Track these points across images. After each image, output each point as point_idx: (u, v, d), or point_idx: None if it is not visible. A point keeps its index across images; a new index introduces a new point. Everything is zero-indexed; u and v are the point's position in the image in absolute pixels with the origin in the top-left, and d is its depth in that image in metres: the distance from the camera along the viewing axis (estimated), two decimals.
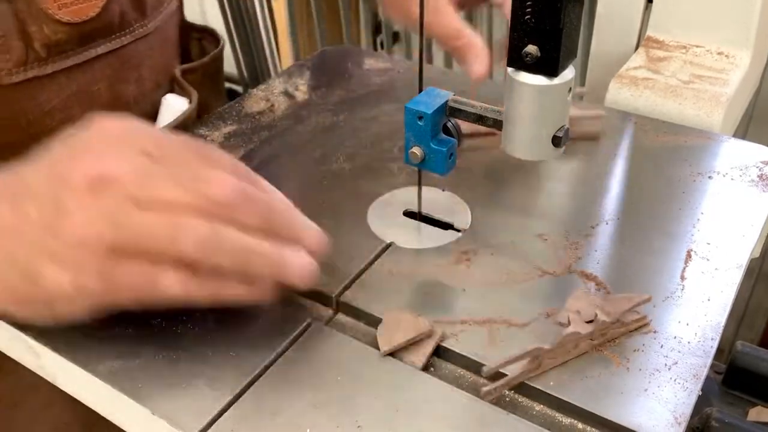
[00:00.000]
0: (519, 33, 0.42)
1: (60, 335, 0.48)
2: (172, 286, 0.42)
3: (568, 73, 0.44)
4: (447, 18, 0.65)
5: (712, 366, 0.92)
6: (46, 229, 0.42)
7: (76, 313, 0.44)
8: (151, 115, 0.71)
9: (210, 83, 0.78)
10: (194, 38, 0.83)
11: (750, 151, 0.64)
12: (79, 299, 0.43)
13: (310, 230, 0.46)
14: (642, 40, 0.83)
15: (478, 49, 0.64)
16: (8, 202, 0.43)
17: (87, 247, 0.41)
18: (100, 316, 0.44)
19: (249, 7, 1.84)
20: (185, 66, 0.76)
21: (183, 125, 0.68)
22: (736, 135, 0.76)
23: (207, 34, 0.83)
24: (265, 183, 0.46)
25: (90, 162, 0.42)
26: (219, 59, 0.83)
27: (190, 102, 0.70)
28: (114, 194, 0.41)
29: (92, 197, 0.41)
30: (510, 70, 0.44)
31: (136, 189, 0.41)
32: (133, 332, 0.48)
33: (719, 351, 0.50)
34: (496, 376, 0.44)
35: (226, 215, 0.42)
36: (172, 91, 0.73)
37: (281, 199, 0.46)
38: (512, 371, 0.44)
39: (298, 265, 0.44)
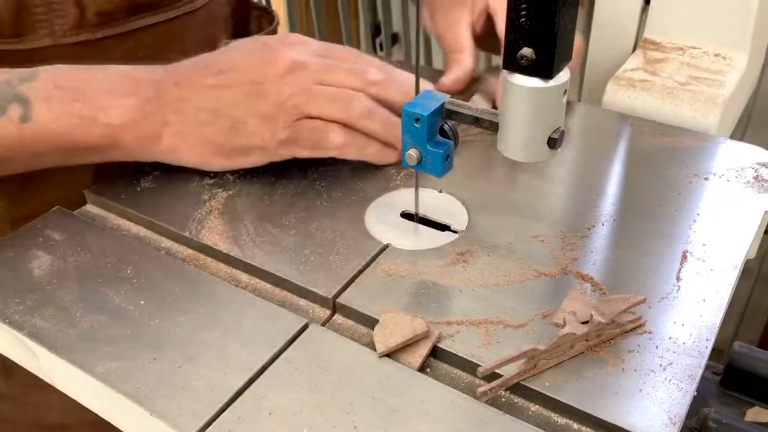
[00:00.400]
0: (514, 36, 0.42)
1: (58, 336, 0.48)
2: (337, 137, 0.57)
3: (563, 76, 0.44)
4: (458, 36, 0.70)
5: (710, 367, 0.93)
6: (252, 93, 0.56)
7: (262, 161, 0.59)
8: None
9: None
10: (254, 16, 0.88)
11: (746, 153, 0.64)
12: (271, 146, 0.57)
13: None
14: (639, 42, 0.84)
15: (461, 68, 0.69)
16: (213, 75, 0.57)
17: (284, 108, 0.56)
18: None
19: None
20: (230, 41, 0.78)
21: None
22: (734, 137, 0.76)
23: (265, 12, 0.89)
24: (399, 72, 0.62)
25: (288, 52, 0.58)
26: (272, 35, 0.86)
27: None
28: (306, 75, 0.57)
29: (291, 75, 0.57)
30: (505, 72, 0.44)
31: (321, 73, 0.57)
32: (131, 333, 0.48)
33: (718, 352, 0.50)
34: (492, 376, 0.44)
35: (379, 91, 0.58)
36: None
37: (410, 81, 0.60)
38: (508, 372, 0.44)
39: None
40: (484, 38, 0.72)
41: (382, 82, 0.59)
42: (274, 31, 0.86)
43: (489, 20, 0.70)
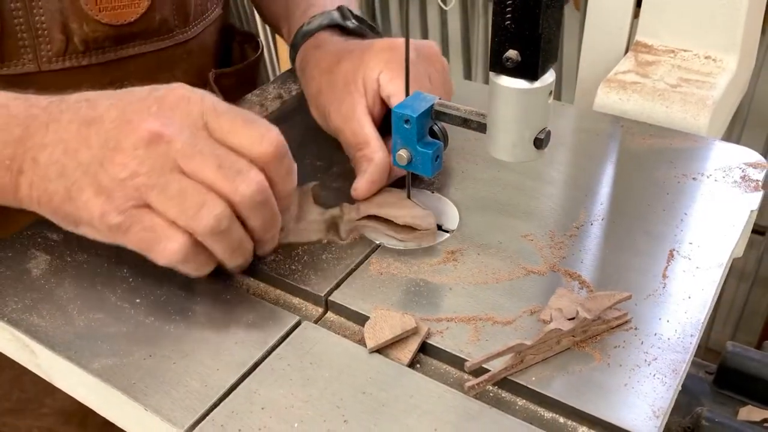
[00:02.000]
0: (500, 38, 0.43)
1: (55, 334, 0.49)
2: (172, 250, 0.47)
3: (549, 77, 0.45)
4: (358, 126, 0.59)
5: (704, 367, 0.93)
6: (98, 159, 0.47)
7: (95, 238, 0.50)
8: None
9: (246, 89, 0.80)
10: (237, 41, 0.86)
11: (734, 153, 0.65)
12: (99, 227, 0.48)
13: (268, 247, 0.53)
14: (631, 44, 0.85)
15: (373, 165, 0.58)
16: (77, 124, 0.49)
17: (123, 186, 0.47)
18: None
19: (247, 10, 1.86)
20: (220, 71, 0.78)
21: None
22: (730, 138, 0.77)
23: (249, 38, 0.86)
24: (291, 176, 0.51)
25: (157, 120, 0.47)
26: (256, 65, 0.84)
27: None
28: (165, 152, 0.47)
29: (146, 148, 0.47)
30: (492, 74, 0.45)
31: (184, 156, 0.47)
32: (127, 331, 0.49)
33: (715, 353, 0.51)
34: (480, 371, 0.45)
35: (242, 209, 0.48)
36: None
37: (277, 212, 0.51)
38: (495, 367, 0.45)
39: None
40: (383, 124, 0.60)
41: (251, 200, 0.47)
42: (258, 59, 0.84)
43: (383, 104, 0.60)
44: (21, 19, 0.61)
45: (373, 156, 0.57)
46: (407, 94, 0.53)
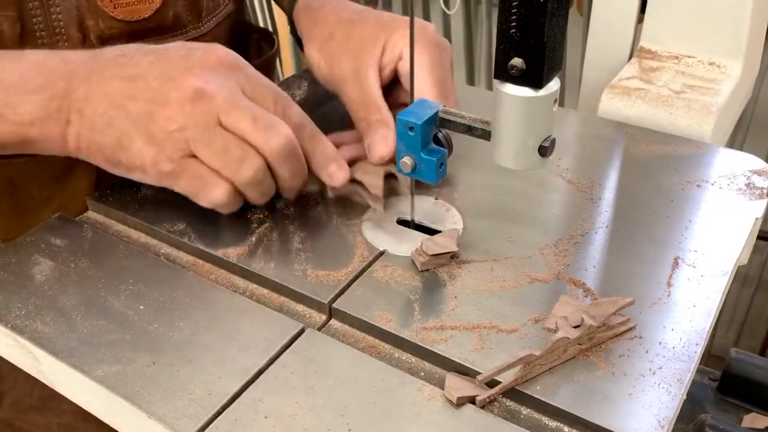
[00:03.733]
0: (505, 46, 0.43)
1: (59, 340, 0.49)
2: (219, 196, 0.54)
3: (553, 85, 0.45)
4: (368, 86, 0.60)
5: (707, 373, 0.93)
6: (147, 111, 0.52)
7: (142, 181, 0.56)
8: None
9: None
10: (253, 38, 0.86)
11: (738, 160, 0.65)
12: (151, 173, 0.54)
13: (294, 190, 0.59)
14: (635, 50, 0.85)
15: (388, 130, 0.59)
16: (121, 79, 0.53)
17: (173, 138, 0.52)
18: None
19: (265, 7, 1.86)
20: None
21: None
22: (734, 144, 0.77)
23: (265, 35, 0.87)
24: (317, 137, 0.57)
25: (200, 78, 0.52)
26: (271, 62, 0.85)
27: None
28: (208, 108, 0.52)
29: (190, 103, 0.52)
30: (496, 82, 0.45)
31: (224, 111, 0.52)
32: (130, 338, 0.49)
33: (719, 360, 0.50)
34: (490, 383, 0.45)
35: (273, 160, 0.53)
36: None
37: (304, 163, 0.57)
38: (505, 378, 0.45)
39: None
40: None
41: (282, 153, 0.53)
42: (274, 56, 0.85)
43: (390, 77, 0.62)
44: (39, 18, 0.62)
45: (388, 121, 0.60)
46: (411, 95, 0.53)
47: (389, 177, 0.60)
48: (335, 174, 0.58)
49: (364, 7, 0.67)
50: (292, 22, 0.74)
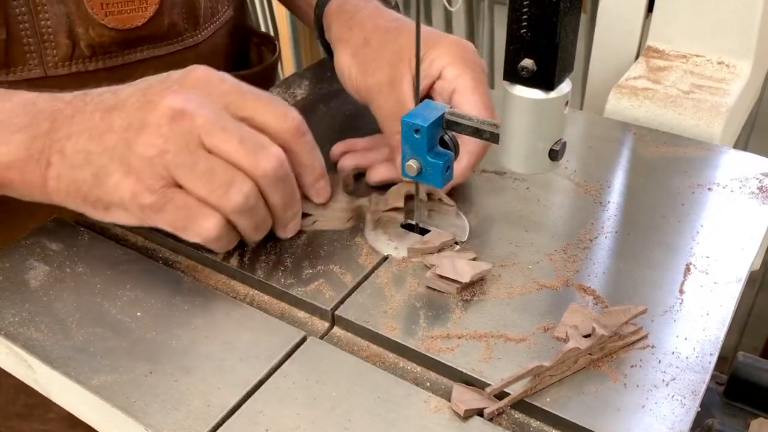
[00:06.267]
0: (515, 47, 0.42)
1: (53, 348, 0.48)
2: (209, 229, 0.48)
3: (565, 87, 0.44)
4: (405, 99, 0.57)
5: (714, 377, 0.92)
6: (124, 140, 0.48)
7: (127, 222, 0.51)
8: None
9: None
10: (254, 43, 0.84)
11: (750, 163, 0.64)
12: (131, 209, 0.49)
13: (290, 226, 0.54)
14: (642, 49, 0.83)
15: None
16: (101, 111, 0.50)
17: (152, 165, 0.47)
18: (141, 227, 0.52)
19: (267, 11, 1.85)
20: (236, 74, 0.76)
21: None
22: (737, 145, 0.75)
23: (266, 40, 0.84)
24: (309, 152, 0.53)
25: (178, 96, 0.48)
26: (273, 68, 0.83)
27: None
28: (188, 129, 0.47)
29: (170, 125, 0.47)
30: (506, 83, 0.44)
31: (207, 132, 0.47)
32: (127, 346, 0.48)
33: (722, 360, 0.49)
34: (498, 394, 0.44)
35: (264, 185, 0.49)
36: None
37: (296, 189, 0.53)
38: (513, 389, 0.43)
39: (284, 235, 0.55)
40: None
41: (273, 176, 0.49)
42: (276, 61, 0.83)
43: (427, 91, 0.59)
44: (26, 24, 0.60)
45: None
46: (416, 96, 0.52)
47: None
48: (322, 190, 0.55)
49: (401, 16, 0.64)
50: (320, 27, 0.70)
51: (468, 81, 0.56)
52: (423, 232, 0.57)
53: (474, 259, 0.52)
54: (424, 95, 0.59)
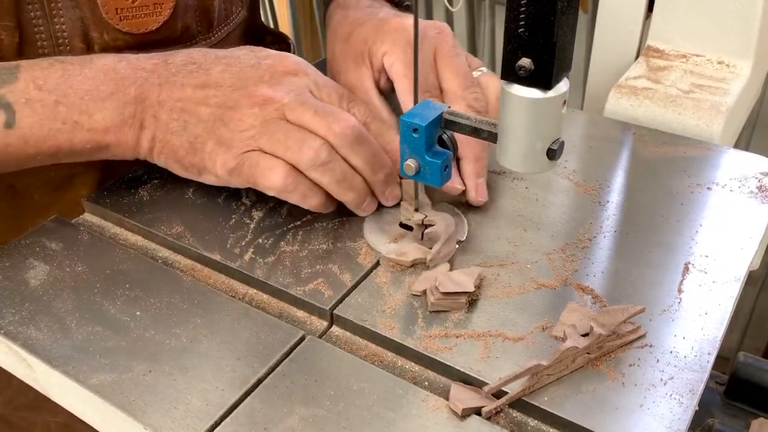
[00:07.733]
0: (512, 46, 0.42)
1: (53, 347, 0.48)
2: (276, 178, 0.53)
3: (563, 86, 0.44)
4: (365, 96, 0.61)
5: (714, 377, 0.92)
6: (218, 115, 0.55)
7: (217, 183, 0.57)
8: None
9: None
10: (268, 42, 0.85)
11: (749, 162, 0.64)
12: (221, 173, 0.55)
13: (388, 191, 0.58)
14: (642, 49, 0.83)
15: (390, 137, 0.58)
16: (191, 86, 0.56)
17: (241, 137, 0.54)
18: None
19: (264, 19, 1.85)
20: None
21: None
22: (738, 145, 0.75)
23: (279, 38, 0.85)
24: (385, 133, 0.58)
25: (268, 86, 0.55)
26: None
27: None
28: (273, 108, 0.54)
29: (260, 107, 0.54)
30: (504, 82, 0.44)
31: (289, 109, 0.54)
32: (126, 345, 0.48)
33: (723, 360, 0.49)
34: (496, 393, 0.44)
35: (340, 146, 0.53)
36: None
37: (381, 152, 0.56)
38: (511, 388, 0.43)
39: (363, 210, 0.57)
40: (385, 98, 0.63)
41: (346, 137, 0.53)
42: None
43: (388, 80, 0.62)
44: (41, 27, 0.61)
45: (392, 125, 0.59)
46: (415, 96, 0.52)
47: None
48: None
49: (363, 13, 0.65)
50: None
51: (399, 67, 0.59)
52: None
53: (451, 270, 0.52)
54: (388, 82, 0.61)
